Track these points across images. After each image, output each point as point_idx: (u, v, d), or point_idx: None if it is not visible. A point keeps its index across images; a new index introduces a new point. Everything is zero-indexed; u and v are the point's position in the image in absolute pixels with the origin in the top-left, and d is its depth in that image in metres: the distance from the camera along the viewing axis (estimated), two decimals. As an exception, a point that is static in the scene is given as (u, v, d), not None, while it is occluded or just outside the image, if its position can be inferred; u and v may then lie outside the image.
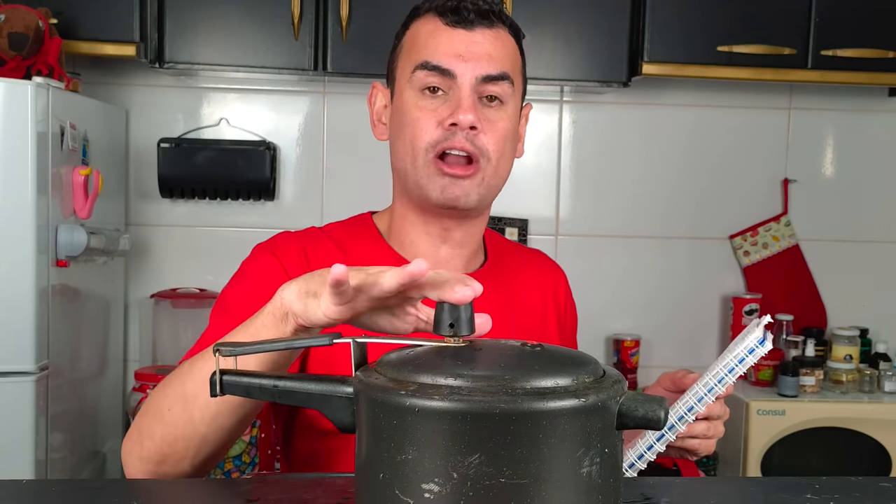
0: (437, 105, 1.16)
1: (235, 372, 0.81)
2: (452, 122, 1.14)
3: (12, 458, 1.85)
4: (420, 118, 1.16)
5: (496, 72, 1.17)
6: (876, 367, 2.61)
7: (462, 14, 1.16)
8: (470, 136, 1.15)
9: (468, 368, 0.70)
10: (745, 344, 1.00)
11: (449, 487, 0.66)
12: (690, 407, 1.05)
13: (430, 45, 1.17)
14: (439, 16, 1.17)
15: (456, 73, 1.15)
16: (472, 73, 1.16)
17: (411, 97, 1.18)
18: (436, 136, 1.15)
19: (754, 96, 2.75)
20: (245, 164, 2.52)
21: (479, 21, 1.17)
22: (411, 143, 1.17)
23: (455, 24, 1.16)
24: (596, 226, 2.74)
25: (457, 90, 1.16)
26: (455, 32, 1.16)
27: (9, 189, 1.83)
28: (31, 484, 0.97)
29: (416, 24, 1.20)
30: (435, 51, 1.16)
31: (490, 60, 1.16)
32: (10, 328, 1.85)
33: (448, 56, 1.15)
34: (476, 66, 1.16)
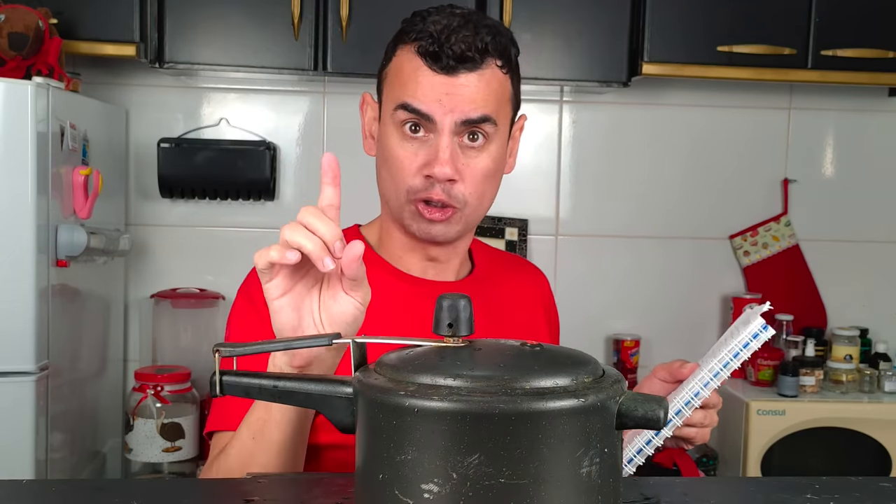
0: (416, 148, 1.17)
1: (235, 372, 0.81)
2: (428, 174, 1.16)
3: (12, 458, 1.85)
4: (402, 160, 1.17)
5: (477, 115, 1.15)
6: (876, 367, 2.61)
7: (442, 61, 1.13)
8: (447, 188, 1.16)
9: (467, 369, 0.70)
10: (749, 329, 1.01)
11: (448, 488, 0.66)
12: (697, 392, 1.06)
13: (410, 85, 1.15)
14: (421, 56, 1.15)
15: (435, 119, 1.15)
16: (452, 118, 1.15)
17: (393, 134, 1.18)
18: (416, 184, 1.17)
19: (754, 96, 2.75)
20: (245, 164, 2.52)
21: (461, 66, 1.14)
22: (393, 182, 1.19)
23: (438, 69, 1.14)
24: (596, 226, 2.74)
25: (436, 136, 1.16)
26: (436, 77, 1.14)
27: (9, 189, 1.83)
28: (31, 484, 0.97)
29: (402, 54, 1.18)
30: (415, 93, 1.15)
31: (472, 104, 1.15)
32: (10, 328, 1.85)
33: (428, 101, 1.14)
34: (456, 110, 1.14)
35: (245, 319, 1.20)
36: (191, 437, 2.36)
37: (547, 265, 2.74)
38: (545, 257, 2.73)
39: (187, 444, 2.35)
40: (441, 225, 1.19)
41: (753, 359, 2.58)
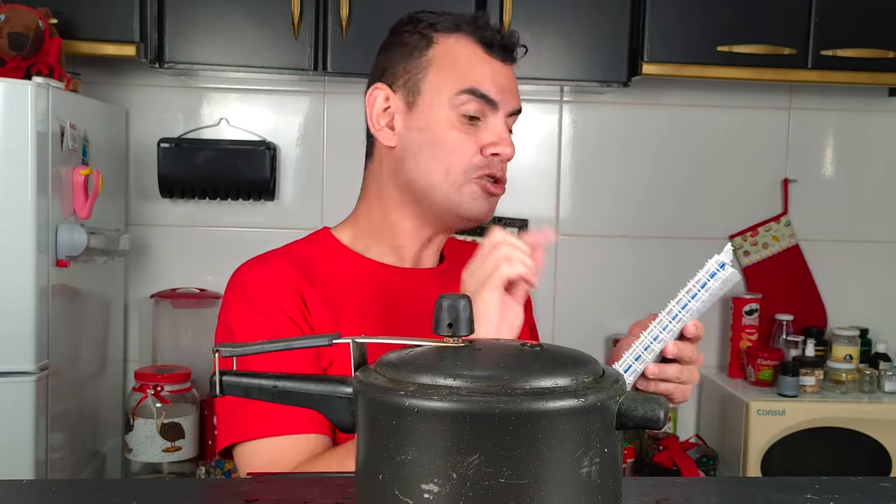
0: (472, 130, 1.22)
1: (235, 373, 0.81)
2: (495, 153, 1.22)
3: (12, 458, 1.85)
4: (459, 140, 1.21)
5: (519, 107, 1.26)
6: (876, 367, 2.61)
7: (507, 50, 1.24)
8: (504, 167, 1.24)
9: (467, 369, 0.70)
10: (706, 268, 1.00)
11: (448, 488, 0.66)
12: (656, 336, 1.05)
13: (475, 71, 1.21)
14: (482, 44, 1.22)
15: (500, 105, 1.22)
16: (508, 106, 1.23)
17: (450, 118, 1.21)
18: (477, 162, 1.22)
19: (754, 96, 2.75)
20: (245, 164, 2.52)
21: (511, 58, 1.25)
22: (447, 162, 1.21)
23: (500, 58, 1.23)
24: (596, 226, 2.74)
25: (493, 121, 1.22)
26: (496, 64, 1.23)
27: (9, 189, 1.83)
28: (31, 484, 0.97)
29: (449, 42, 1.23)
30: (482, 78, 1.21)
31: (515, 95, 1.25)
32: (10, 328, 1.85)
33: (495, 87, 1.21)
34: (511, 100, 1.23)
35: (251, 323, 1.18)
36: (191, 437, 2.36)
37: (547, 265, 2.73)
38: (545, 257, 2.72)
39: (187, 444, 2.35)
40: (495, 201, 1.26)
41: (753, 359, 2.58)
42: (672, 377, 1.10)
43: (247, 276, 1.23)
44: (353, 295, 1.24)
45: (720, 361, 2.79)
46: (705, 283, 1.00)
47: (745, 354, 2.64)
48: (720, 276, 0.99)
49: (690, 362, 1.11)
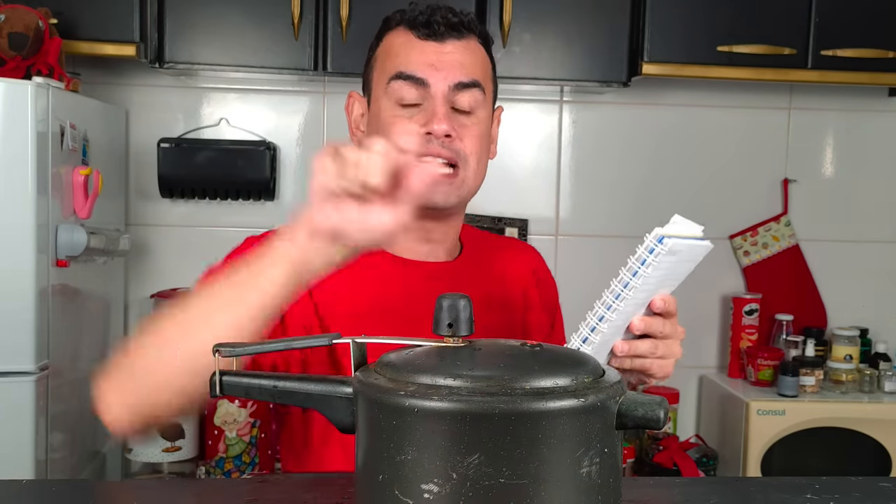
0: (412, 113, 1.22)
1: (235, 373, 0.81)
2: (428, 131, 1.20)
3: (12, 458, 1.85)
4: (395, 124, 1.21)
5: (468, 79, 1.22)
6: (876, 367, 2.61)
7: (433, 27, 1.21)
8: (446, 144, 1.21)
9: (467, 369, 0.70)
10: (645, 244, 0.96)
11: (448, 488, 0.66)
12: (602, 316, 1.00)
13: (401, 56, 1.22)
14: (411, 29, 1.23)
15: (429, 82, 1.20)
16: (445, 81, 1.21)
17: (387, 107, 1.23)
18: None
19: (754, 96, 2.74)
20: (245, 164, 2.52)
21: (449, 33, 1.22)
22: None
23: (426, 36, 1.22)
24: (596, 226, 2.74)
25: (430, 100, 1.21)
26: (427, 44, 1.22)
27: (9, 189, 1.83)
28: (31, 484, 0.97)
29: (389, 37, 1.26)
30: (408, 61, 1.21)
31: (462, 68, 1.22)
32: (10, 328, 1.84)
33: (421, 66, 1.21)
34: (448, 74, 1.21)
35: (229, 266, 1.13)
36: (191, 437, 2.36)
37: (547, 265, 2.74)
38: (545, 257, 2.72)
39: (187, 444, 2.35)
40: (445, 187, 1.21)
41: (753, 359, 2.58)
42: (645, 352, 1.09)
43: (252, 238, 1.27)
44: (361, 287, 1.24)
45: (720, 361, 2.78)
46: (644, 259, 0.96)
47: (745, 354, 2.63)
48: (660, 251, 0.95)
49: (664, 337, 1.09)
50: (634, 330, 1.06)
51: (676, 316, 1.11)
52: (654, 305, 1.06)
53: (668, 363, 1.11)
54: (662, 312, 1.08)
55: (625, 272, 0.98)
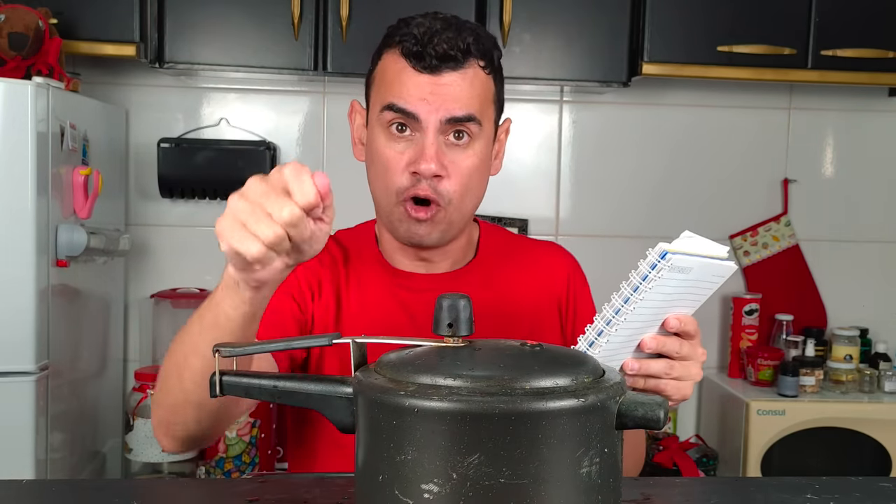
0: (404, 147, 1.19)
1: (235, 372, 0.81)
2: (414, 171, 1.18)
3: (12, 458, 1.85)
4: (389, 159, 1.20)
5: (462, 114, 1.18)
6: (876, 367, 2.61)
7: (426, 60, 1.17)
8: (433, 184, 1.18)
9: (467, 369, 0.70)
10: (647, 259, 0.92)
11: (448, 488, 0.66)
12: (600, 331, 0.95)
13: (395, 86, 1.18)
14: (405, 57, 1.18)
15: (420, 117, 1.17)
16: (437, 116, 1.17)
17: (380, 135, 1.21)
18: (404, 183, 1.19)
19: (754, 96, 2.74)
20: (245, 164, 2.52)
21: (444, 64, 1.17)
22: (382, 182, 1.21)
23: (421, 68, 1.17)
24: (596, 225, 2.74)
25: (421, 134, 1.18)
26: (420, 77, 1.17)
27: (9, 189, 1.83)
28: (31, 484, 0.97)
29: (387, 57, 1.22)
30: (400, 93, 1.18)
31: (456, 102, 1.17)
32: (10, 328, 1.85)
33: (413, 99, 1.17)
34: (441, 108, 1.17)
35: None
36: (191, 437, 2.36)
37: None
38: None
39: (187, 444, 2.35)
40: (425, 225, 1.20)
41: (753, 359, 2.58)
42: (659, 373, 1.03)
43: None
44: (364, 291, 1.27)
45: (720, 361, 2.79)
46: (646, 274, 0.92)
47: (745, 354, 2.63)
48: (662, 267, 0.90)
49: (681, 358, 1.03)
50: (645, 348, 1.01)
51: (698, 337, 1.06)
52: (668, 325, 1.01)
53: (685, 385, 1.06)
54: (679, 332, 1.03)
55: (625, 286, 0.94)
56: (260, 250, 0.84)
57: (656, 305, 0.97)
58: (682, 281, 0.95)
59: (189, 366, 0.99)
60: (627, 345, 1.00)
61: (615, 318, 0.94)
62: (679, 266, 0.92)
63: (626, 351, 1.01)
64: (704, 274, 0.98)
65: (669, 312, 1.01)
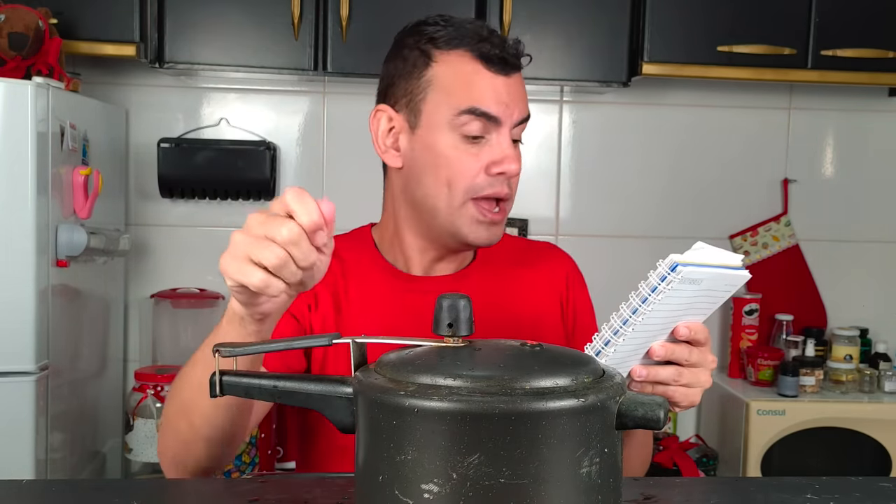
0: (477, 150, 1.19)
1: (235, 372, 0.81)
2: (500, 171, 1.19)
3: (12, 458, 1.85)
4: (462, 160, 1.19)
5: (527, 114, 1.24)
6: (876, 367, 2.61)
7: (506, 62, 1.20)
8: (511, 183, 1.21)
9: (467, 369, 0.70)
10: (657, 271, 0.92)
11: (448, 488, 0.66)
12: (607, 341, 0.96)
13: (474, 89, 1.18)
14: (482, 60, 1.19)
15: (502, 121, 1.19)
16: (512, 118, 1.20)
17: (452, 139, 1.19)
18: (480, 182, 1.19)
19: (754, 96, 2.74)
20: (245, 164, 2.52)
21: (513, 68, 1.22)
22: (449, 183, 1.19)
23: (498, 71, 1.19)
24: (596, 226, 2.74)
25: (497, 137, 1.19)
26: (497, 79, 1.20)
27: (9, 189, 1.83)
28: (31, 484, 0.97)
29: (449, 59, 1.19)
30: (482, 97, 1.18)
31: (523, 103, 1.23)
32: (10, 328, 1.85)
33: (496, 104, 1.19)
34: (515, 111, 1.21)
35: None
36: (191, 437, 2.36)
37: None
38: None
39: (187, 444, 2.35)
40: (499, 226, 1.22)
41: (753, 359, 2.58)
42: (667, 379, 1.03)
43: None
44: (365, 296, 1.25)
45: (720, 361, 2.78)
46: (656, 286, 0.92)
47: (745, 354, 2.64)
48: (672, 280, 0.90)
49: (691, 365, 1.03)
50: (654, 356, 1.01)
51: (708, 344, 1.05)
52: (677, 333, 1.01)
53: (693, 392, 1.06)
54: (690, 340, 1.02)
55: (634, 297, 0.94)
56: (262, 279, 0.84)
57: (666, 315, 0.97)
58: (693, 291, 0.95)
59: (197, 406, 1.00)
60: (636, 353, 1.01)
61: (623, 328, 0.94)
62: (690, 278, 0.92)
63: (635, 359, 1.01)
64: (717, 283, 0.97)
65: (680, 321, 1.01)
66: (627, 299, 0.94)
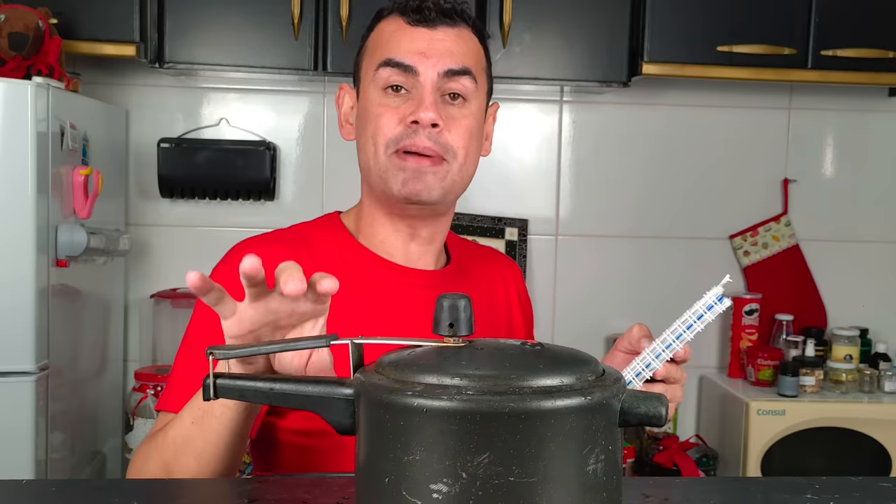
0: (399, 103, 1.18)
1: (230, 375, 0.81)
2: (414, 120, 1.16)
3: (12, 458, 1.85)
4: (382, 114, 1.17)
5: (458, 66, 1.18)
6: (876, 367, 2.61)
7: (424, 13, 1.18)
8: (433, 135, 1.16)
9: (473, 368, 0.70)
10: (704, 300, 1.00)
11: (458, 487, 0.66)
12: (648, 364, 1.05)
13: (392, 43, 1.18)
14: (402, 15, 1.19)
15: (418, 70, 1.17)
16: (434, 69, 1.17)
17: (374, 95, 1.19)
18: (397, 133, 1.16)
19: (754, 96, 2.74)
20: (245, 164, 2.52)
21: (441, 19, 1.18)
22: (373, 138, 1.18)
23: (417, 22, 1.18)
24: (596, 226, 2.74)
25: (419, 88, 1.17)
26: (417, 31, 1.18)
27: (9, 189, 1.83)
28: (31, 484, 0.97)
29: (381, 26, 1.23)
30: (398, 48, 1.18)
31: (452, 56, 1.18)
32: (10, 328, 1.84)
33: (410, 53, 1.17)
34: (438, 61, 1.17)
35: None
36: (191, 437, 2.35)
37: (547, 265, 2.74)
38: (545, 257, 2.73)
39: (187, 444, 2.35)
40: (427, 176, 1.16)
41: (753, 359, 2.58)
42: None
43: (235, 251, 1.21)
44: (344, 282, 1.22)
45: (720, 361, 2.79)
46: (702, 314, 1.00)
47: (745, 354, 2.64)
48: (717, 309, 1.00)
49: (675, 382, 1.09)
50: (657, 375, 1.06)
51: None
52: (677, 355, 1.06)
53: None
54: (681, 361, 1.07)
55: (679, 325, 1.02)
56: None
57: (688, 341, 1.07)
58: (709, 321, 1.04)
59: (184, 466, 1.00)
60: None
61: (665, 351, 1.04)
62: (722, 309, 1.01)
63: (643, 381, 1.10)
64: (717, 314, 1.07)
65: None
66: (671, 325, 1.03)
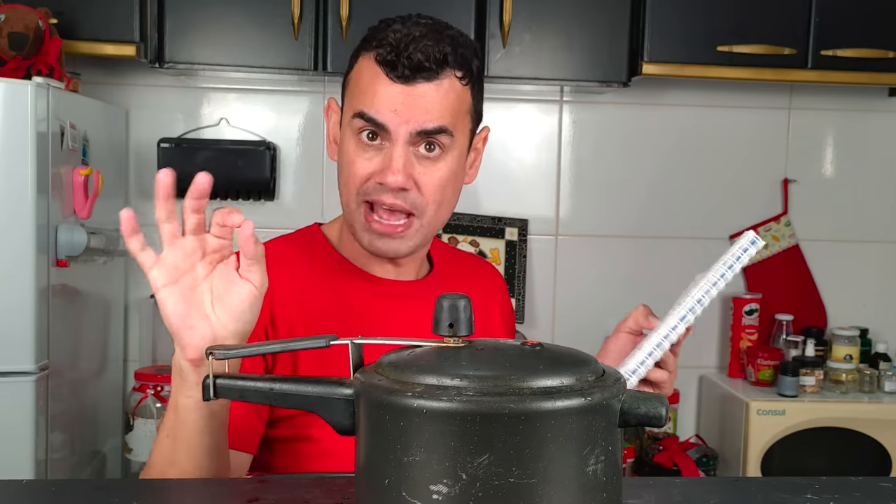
0: (372, 154, 1.16)
1: (229, 375, 0.81)
2: (379, 182, 1.16)
3: (12, 458, 1.85)
4: (354, 162, 1.17)
5: (432, 126, 1.15)
6: (876, 367, 2.61)
7: (398, 69, 1.13)
8: (401, 195, 1.16)
9: (473, 369, 0.70)
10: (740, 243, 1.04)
11: (458, 488, 0.66)
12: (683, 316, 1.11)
13: (368, 94, 1.15)
14: (380, 65, 1.14)
15: (390, 129, 1.14)
16: (407, 128, 1.14)
17: (351, 140, 1.18)
18: (366, 187, 1.17)
19: (754, 96, 2.74)
20: (245, 164, 2.52)
21: (418, 75, 1.13)
22: (346, 185, 1.20)
23: (395, 78, 1.14)
24: (596, 226, 2.74)
25: (391, 144, 1.15)
26: (393, 86, 1.14)
27: (9, 189, 1.83)
28: (31, 484, 0.97)
29: (362, 62, 1.18)
30: (372, 102, 1.15)
31: (428, 114, 1.14)
32: (10, 328, 1.84)
33: (384, 110, 1.14)
34: (411, 120, 1.14)
35: None
36: (191, 437, 2.35)
37: (547, 265, 2.74)
38: (545, 257, 2.73)
39: (187, 444, 2.35)
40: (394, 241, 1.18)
41: (753, 359, 2.58)
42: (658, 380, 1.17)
43: None
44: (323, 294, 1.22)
45: (720, 361, 2.79)
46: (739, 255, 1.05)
47: (745, 354, 2.64)
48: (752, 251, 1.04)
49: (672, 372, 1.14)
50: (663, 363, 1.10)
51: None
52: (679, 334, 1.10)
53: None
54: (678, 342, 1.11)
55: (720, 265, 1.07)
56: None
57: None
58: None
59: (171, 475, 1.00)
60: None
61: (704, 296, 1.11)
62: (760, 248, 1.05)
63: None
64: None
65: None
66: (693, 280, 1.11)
